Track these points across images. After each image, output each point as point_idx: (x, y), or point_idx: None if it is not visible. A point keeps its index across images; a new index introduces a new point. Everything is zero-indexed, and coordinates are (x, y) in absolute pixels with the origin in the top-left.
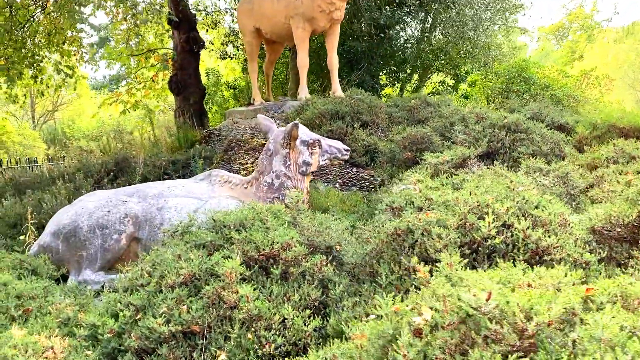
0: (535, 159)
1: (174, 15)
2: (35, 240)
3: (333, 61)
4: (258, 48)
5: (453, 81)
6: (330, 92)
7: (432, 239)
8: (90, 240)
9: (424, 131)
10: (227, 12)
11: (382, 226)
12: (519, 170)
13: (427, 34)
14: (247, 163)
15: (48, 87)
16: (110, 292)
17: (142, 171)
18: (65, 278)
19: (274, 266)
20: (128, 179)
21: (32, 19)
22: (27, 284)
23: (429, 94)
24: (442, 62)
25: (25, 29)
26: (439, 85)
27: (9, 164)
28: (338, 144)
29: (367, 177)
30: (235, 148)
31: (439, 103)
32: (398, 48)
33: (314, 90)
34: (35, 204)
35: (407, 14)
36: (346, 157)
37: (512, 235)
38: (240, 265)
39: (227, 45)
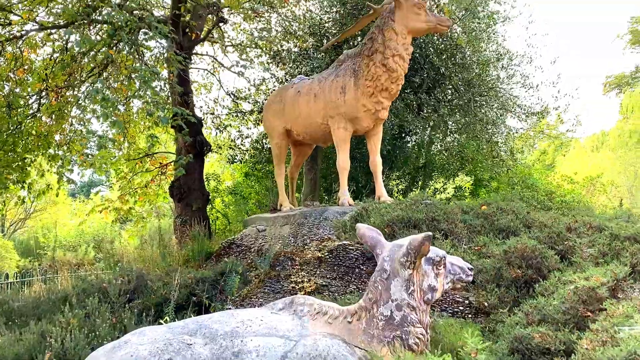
0: None
1: (192, 116)
2: None
3: (377, 163)
4: (286, 150)
5: (473, 186)
6: (376, 196)
7: None
8: None
9: (533, 243)
10: (236, 116)
11: None
12: None
13: (443, 137)
14: (302, 281)
15: (30, 192)
16: None
17: (176, 295)
18: None
19: None
20: (145, 300)
21: (26, 120)
22: None
23: (447, 199)
24: (460, 165)
25: (16, 132)
26: (456, 191)
27: None
28: (460, 262)
29: (459, 299)
30: (289, 262)
31: (514, 210)
32: (417, 152)
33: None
34: (38, 339)
35: (433, 119)
36: (470, 279)
37: None
38: None
39: (235, 149)
